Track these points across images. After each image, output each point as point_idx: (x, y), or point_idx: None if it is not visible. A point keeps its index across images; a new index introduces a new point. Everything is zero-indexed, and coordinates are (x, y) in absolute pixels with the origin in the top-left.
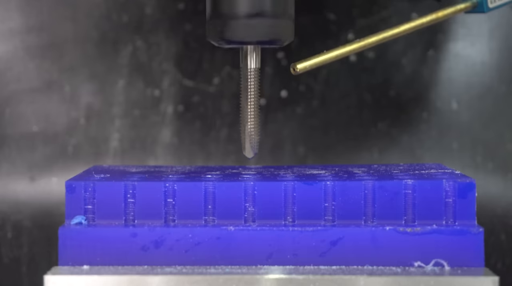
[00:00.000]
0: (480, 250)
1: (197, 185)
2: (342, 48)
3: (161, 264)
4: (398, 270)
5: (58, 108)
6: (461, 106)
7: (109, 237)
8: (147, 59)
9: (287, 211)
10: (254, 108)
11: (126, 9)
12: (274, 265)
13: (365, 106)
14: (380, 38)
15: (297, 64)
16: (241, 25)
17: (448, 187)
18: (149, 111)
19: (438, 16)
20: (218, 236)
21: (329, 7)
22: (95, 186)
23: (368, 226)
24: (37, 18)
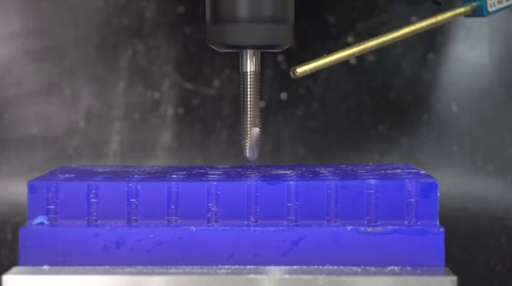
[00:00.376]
0: (440, 249)
1: (160, 185)
2: (341, 52)
3: (122, 264)
4: (358, 270)
5: (58, 111)
6: (461, 109)
7: (70, 237)
8: (147, 62)
9: (250, 211)
10: (254, 111)
11: (126, 13)
12: (235, 265)
13: (365, 109)
14: (380, 42)
15: (297, 68)
16: (241, 29)
17: (410, 186)
18: (149, 114)
19: (437, 20)
20: (179, 236)
21: (329, 10)
22: (57, 186)
23: (330, 226)
24: (37, 22)
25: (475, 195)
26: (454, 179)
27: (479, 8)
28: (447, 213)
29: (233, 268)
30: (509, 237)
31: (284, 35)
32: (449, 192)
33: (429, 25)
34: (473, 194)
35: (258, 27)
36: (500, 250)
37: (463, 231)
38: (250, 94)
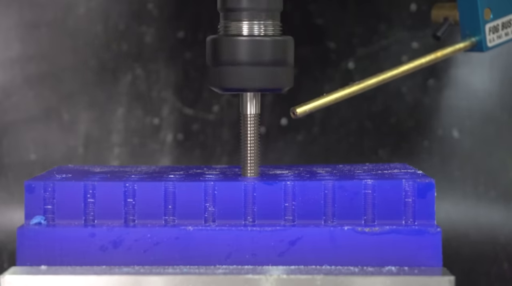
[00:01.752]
0: (438, 250)
1: (157, 185)
2: (341, 91)
3: (119, 264)
4: (355, 270)
5: (56, 136)
6: (463, 134)
7: (67, 237)
8: (146, 87)
9: (247, 211)
10: (254, 151)
11: (125, 38)
12: (233, 265)
13: (366, 134)
14: (379, 80)
15: (297, 108)
16: (241, 72)
17: (407, 186)
18: (148, 140)
19: (437, 56)
20: (177, 236)
21: (329, 36)
22: (54, 186)
23: (327, 226)
24: (36, 47)
25: (477, 220)
26: (456, 204)
27: (478, 44)
28: (449, 239)
29: (231, 268)
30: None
31: (285, 78)
32: (451, 217)
33: (428, 61)
34: (475, 219)
35: (258, 70)
36: (503, 277)
37: (465, 257)
38: (250, 136)
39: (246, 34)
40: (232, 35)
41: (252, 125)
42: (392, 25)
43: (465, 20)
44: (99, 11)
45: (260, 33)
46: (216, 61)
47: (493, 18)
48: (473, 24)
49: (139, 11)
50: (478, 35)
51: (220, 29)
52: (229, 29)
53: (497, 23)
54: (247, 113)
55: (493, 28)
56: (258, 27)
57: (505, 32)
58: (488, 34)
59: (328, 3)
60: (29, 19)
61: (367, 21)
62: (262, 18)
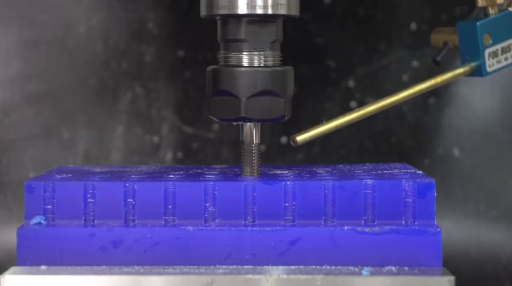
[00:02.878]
0: (438, 250)
1: (157, 185)
2: (341, 118)
3: (119, 264)
4: (355, 270)
5: (56, 154)
6: (463, 153)
7: (67, 237)
8: (146, 106)
9: (247, 211)
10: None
11: (125, 57)
12: (233, 265)
13: (366, 153)
14: (379, 106)
15: (297, 136)
16: (241, 103)
17: (407, 186)
18: (148, 158)
19: (437, 81)
20: (176, 236)
21: (329, 54)
22: (54, 186)
23: (327, 226)
24: (36, 66)
25: (478, 240)
26: (457, 223)
27: (478, 69)
28: (450, 258)
29: (231, 268)
30: None
31: (284, 108)
32: (452, 237)
33: (428, 87)
34: (476, 239)
35: (258, 101)
36: None
37: (466, 277)
38: (252, 164)
39: (246, 65)
40: (231, 65)
41: (254, 155)
42: (392, 44)
43: (465, 45)
44: (99, 30)
45: (260, 63)
46: (216, 91)
47: (492, 43)
48: (473, 49)
49: (139, 30)
50: (478, 61)
51: (220, 59)
52: (229, 60)
53: (496, 48)
54: (247, 142)
55: (493, 53)
56: (258, 58)
57: (504, 57)
58: (488, 59)
59: (328, 22)
60: (29, 38)
61: (367, 40)
62: (262, 49)
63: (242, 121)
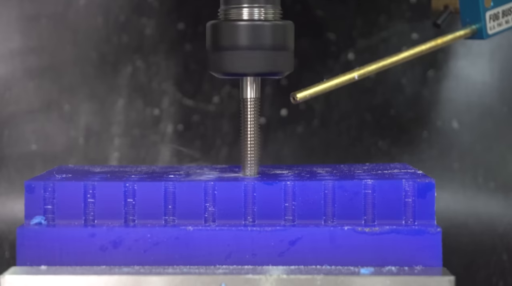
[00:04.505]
0: (438, 249)
1: (157, 185)
2: (341, 77)
3: (119, 264)
4: (355, 270)
5: (57, 128)
6: (462, 126)
7: (67, 237)
8: (146, 79)
9: (247, 211)
10: (254, 137)
11: (126, 30)
12: (233, 265)
13: (366, 126)
14: (380, 66)
15: (297, 94)
16: (241, 57)
17: (407, 186)
18: (148, 131)
19: (437, 43)
20: (176, 236)
21: (329, 28)
22: (54, 186)
23: (327, 226)
24: (37, 40)
25: (476, 212)
26: (455, 196)
27: (478, 31)
28: (448, 230)
29: (231, 268)
30: (511, 254)
31: (284, 62)
32: (450, 209)
33: (429, 48)
34: (474, 211)
35: (258, 54)
36: (502, 268)
37: (464, 248)
38: (250, 120)
39: (246, 19)
40: (232, 20)
41: (252, 110)
42: (391, 17)
43: (466, 8)
44: (99, 4)
45: (260, 17)
46: (216, 46)
47: (493, 5)
48: (474, 11)
49: (139, 3)
50: (479, 23)
51: (220, 14)
52: (229, 14)
53: (497, 10)
54: (247, 97)
55: (494, 15)
56: (258, 12)
57: (505, 19)
58: (489, 22)
59: None
60: (29, 12)
61: (367, 13)
62: (262, 3)
63: (242, 76)
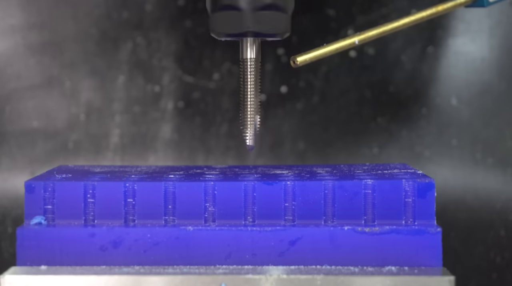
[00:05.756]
0: (438, 249)
1: (157, 185)
2: (342, 42)
3: (119, 264)
4: (355, 270)
5: (58, 104)
6: (461, 102)
7: (67, 237)
8: (147, 55)
9: (247, 211)
10: (254, 98)
11: (126, 6)
12: (233, 265)
13: (365, 103)
14: (380, 32)
15: (297, 57)
16: (241, 17)
17: (407, 186)
18: (149, 108)
19: (438, 10)
20: (176, 236)
21: (329, 3)
22: (54, 186)
23: (327, 226)
24: (37, 16)
25: (474, 188)
26: (453, 171)
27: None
28: (446, 206)
29: (231, 268)
30: (509, 229)
31: (283, 24)
32: (448, 184)
33: (429, 15)
34: (472, 187)
35: (258, 14)
36: (499, 243)
37: (462, 224)
38: (250, 81)
39: None
40: None
41: (251, 71)
42: None
43: None
44: None
45: None
46: (215, 7)
47: None
48: None
49: None
50: None
51: None
52: None
53: None
54: (247, 58)
55: None
56: None
57: None
58: None
59: None
60: None
61: None
62: None
63: (245, 36)
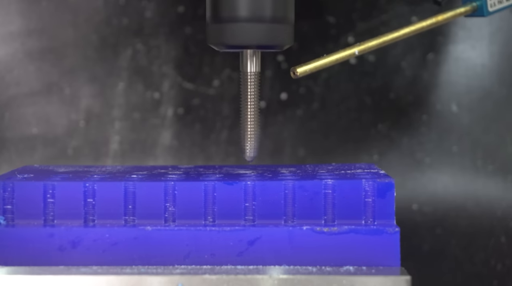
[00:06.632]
0: (396, 249)
1: (117, 185)
2: (342, 52)
3: (78, 264)
4: (313, 270)
5: (58, 110)
6: (461, 109)
7: (26, 237)
8: (147, 62)
9: (207, 210)
10: (254, 111)
11: (126, 13)
12: (192, 265)
13: (365, 109)
14: (380, 42)
15: (297, 68)
16: (241, 29)
17: (367, 186)
18: (149, 114)
19: (438, 20)
20: (135, 236)
21: (329, 10)
22: (14, 186)
23: (286, 226)
24: (37, 22)
25: (475, 194)
26: (454, 178)
27: (479, 8)
28: (447, 213)
29: (189, 268)
30: (509, 236)
31: (284, 35)
32: (449, 191)
33: (429, 25)
34: (473, 193)
35: (258, 27)
36: (500, 250)
37: (463, 231)
38: (250, 94)
39: None
40: None
41: (252, 84)
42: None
43: None
44: None
45: None
46: (216, 18)
47: None
48: None
49: None
50: (479, 0)
51: None
52: None
53: None
54: (247, 71)
55: None
56: None
57: None
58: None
59: None
60: None
61: None
62: None
63: (242, 48)
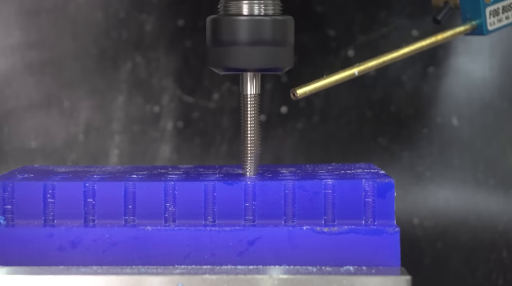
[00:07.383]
0: (396, 249)
1: (117, 185)
2: (341, 73)
3: (78, 264)
4: (313, 270)
5: (57, 123)
6: (462, 122)
7: (26, 237)
8: (146, 75)
9: (207, 210)
10: (254, 132)
11: (125, 26)
12: (192, 265)
13: (366, 122)
14: (380, 62)
15: (297, 90)
16: (241, 52)
17: (367, 186)
18: (148, 127)
19: (437, 39)
20: (135, 236)
21: (329, 23)
22: (14, 186)
23: (286, 226)
24: (36, 35)
25: (476, 208)
26: (455, 192)
27: (479, 27)
28: (448, 227)
29: (189, 268)
30: (511, 251)
31: (284, 58)
32: (450, 205)
33: (429, 44)
34: (474, 207)
35: (258, 50)
36: (502, 264)
37: (464, 245)
38: (250, 116)
39: (246, 14)
40: (232, 14)
41: (252, 106)
42: (392, 13)
43: (466, 3)
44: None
45: (260, 12)
46: (216, 41)
47: (493, 1)
48: (474, 7)
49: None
50: (479, 19)
51: (220, 9)
52: (229, 9)
53: (497, 6)
54: (247, 93)
55: (494, 11)
56: (258, 7)
57: (505, 15)
58: (489, 18)
59: None
60: (29, 6)
61: (367, 9)
62: None
63: (242, 71)
